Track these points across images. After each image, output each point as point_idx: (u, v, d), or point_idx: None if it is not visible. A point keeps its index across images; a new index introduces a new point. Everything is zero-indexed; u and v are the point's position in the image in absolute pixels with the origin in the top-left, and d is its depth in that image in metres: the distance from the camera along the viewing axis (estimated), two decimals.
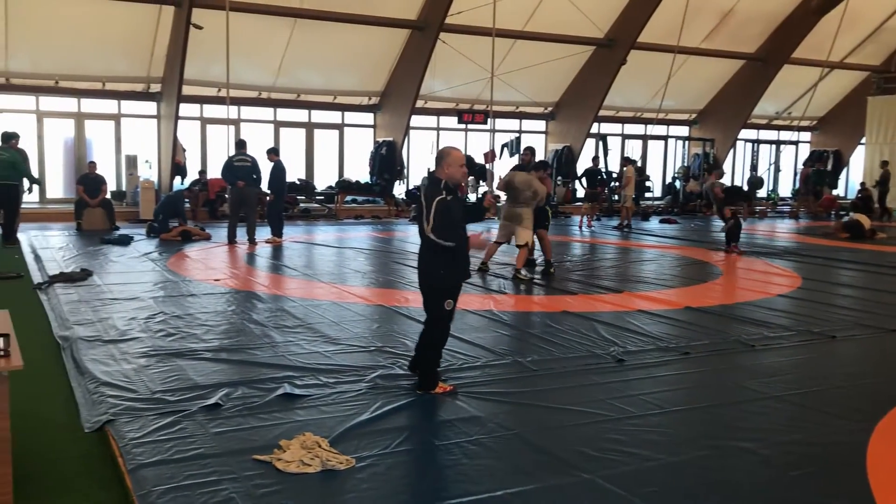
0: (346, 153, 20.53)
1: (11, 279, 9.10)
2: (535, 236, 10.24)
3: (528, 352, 6.24)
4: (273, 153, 13.50)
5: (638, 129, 24.05)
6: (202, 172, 17.85)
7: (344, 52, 18.28)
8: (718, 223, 15.42)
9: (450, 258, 5.07)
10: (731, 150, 24.63)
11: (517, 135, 21.79)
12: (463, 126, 20.77)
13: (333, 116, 20.31)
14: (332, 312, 7.59)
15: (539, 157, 13.38)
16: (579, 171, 20.74)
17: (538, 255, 10.80)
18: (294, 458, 3.90)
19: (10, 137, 12.10)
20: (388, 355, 6.00)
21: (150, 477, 3.70)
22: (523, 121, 22.54)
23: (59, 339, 6.35)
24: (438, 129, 21.32)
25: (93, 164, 15.04)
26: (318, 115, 20.10)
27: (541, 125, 22.81)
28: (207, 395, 4.91)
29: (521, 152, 11.47)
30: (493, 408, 4.88)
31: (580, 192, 20.83)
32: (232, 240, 12.81)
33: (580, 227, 17.45)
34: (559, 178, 21.27)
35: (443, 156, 5.15)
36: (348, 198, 19.68)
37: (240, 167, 12.72)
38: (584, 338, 6.72)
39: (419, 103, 19.19)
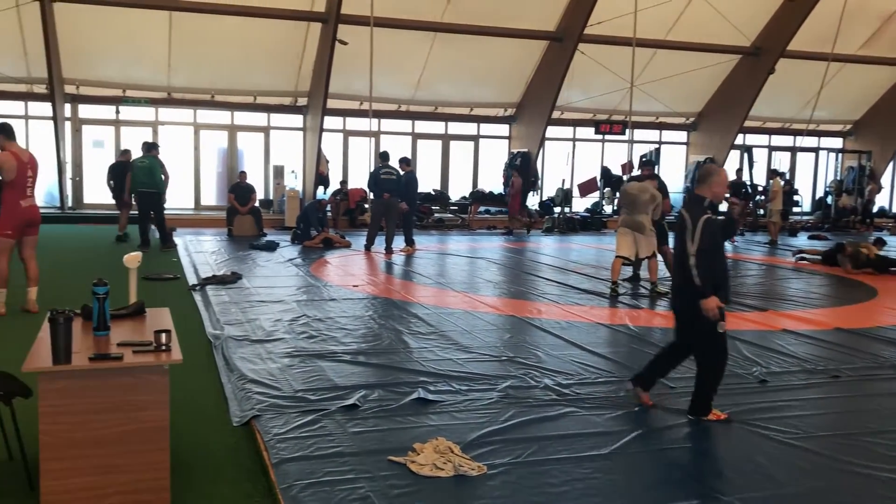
0: (481, 164, 20.73)
1: (169, 280, 9.73)
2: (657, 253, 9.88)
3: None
4: (405, 163, 13.84)
5: (786, 140, 22.94)
6: (343, 182, 18.50)
7: (481, 65, 18.51)
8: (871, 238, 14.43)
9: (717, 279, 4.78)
10: (892, 164, 23.07)
11: (656, 146, 21.31)
12: (600, 137, 20.52)
13: (469, 128, 20.57)
14: (465, 321, 7.67)
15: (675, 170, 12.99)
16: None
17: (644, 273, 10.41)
18: (427, 462, 3.98)
19: (152, 147, 12.89)
20: (519, 366, 6.01)
21: (292, 471, 3.88)
22: (663, 131, 22.01)
23: (211, 338, 6.74)
24: (574, 139, 21.16)
25: (243, 174, 15.91)
26: (455, 127, 20.42)
27: (682, 136, 22.20)
28: (346, 395, 5.09)
29: (641, 168, 11.26)
30: (625, 423, 4.79)
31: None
32: (369, 248, 13.21)
33: None
34: None
35: (710, 173, 4.91)
36: (481, 208, 19.85)
37: (385, 180, 13.08)
38: None
39: (555, 114, 19.14)
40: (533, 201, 20.19)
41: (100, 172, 15.46)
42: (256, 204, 15.71)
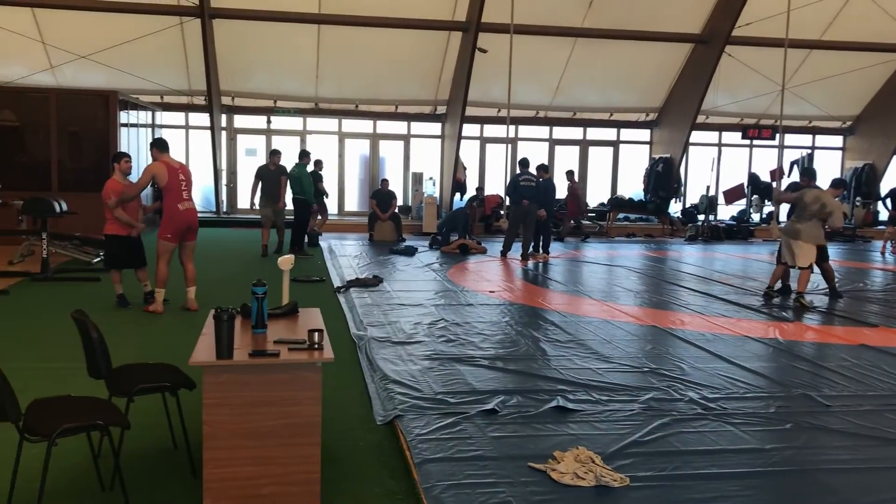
0: (621, 170, 20.36)
1: (315, 283, 10.13)
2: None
3: (819, 385, 5.75)
4: (543, 170, 13.78)
5: None
6: (479, 189, 18.65)
7: (622, 69, 18.21)
8: None
9: None
10: None
11: (808, 151, 20.21)
12: (747, 142, 19.68)
13: (609, 133, 20.25)
14: (603, 330, 7.56)
15: (829, 176, 12.26)
16: (883, 191, 18.70)
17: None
18: (568, 470, 3.95)
19: (302, 155, 13.34)
20: (662, 378, 5.85)
21: (434, 472, 3.95)
22: (816, 136, 20.85)
23: (355, 338, 6.98)
24: (720, 144, 20.40)
25: (385, 182, 16.34)
26: (594, 133, 20.15)
27: (837, 141, 20.96)
28: (485, 400, 5.13)
29: (801, 177, 10.76)
30: (776, 440, 4.57)
31: (883, 215, 18.78)
32: (505, 254, 13.25)
33: (882, 252, 15.74)
34: (858, 198, 19.37)
35: None
36: (620, 215, 19.48)
37: (525, 186, 13.09)
38: (886, 375, 6.07)
39: (700, 118, 18.52)
40: (675, 208, 19.63)
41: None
42: (396, 210, 16.09)
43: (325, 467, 3.67)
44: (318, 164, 14.78)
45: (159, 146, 8.02)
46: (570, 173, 17.77)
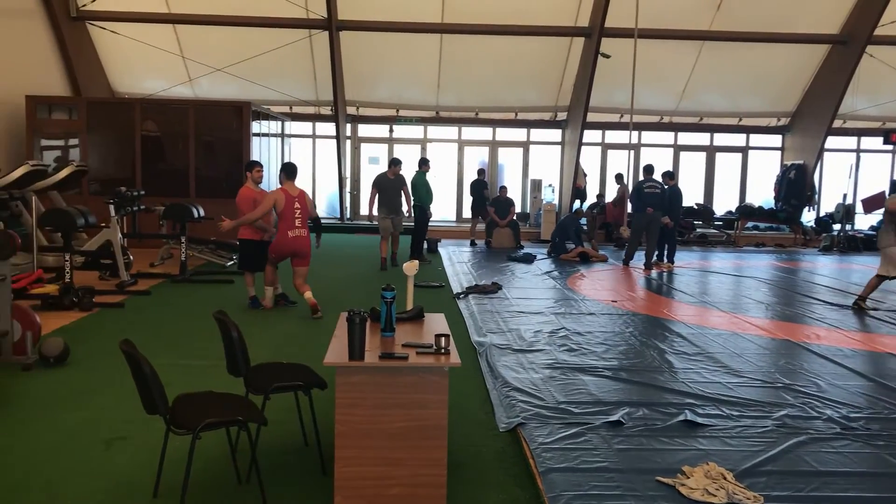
0: (749, 177, 19.58)
1: (435, 288, 10.26)
2: None
3: None
4: (668, 177, 13.42)
5: None
6: (600, 196, 18.39)
7: (752, 73, 17.54)
8: None
9: None
10: None
11: None
12: (890, 147, 18.52)
13: (737, 139, 19.52)
14: (732, 343, 7.28)
15: None
16: None
17: None
18: (699, 486, 3.83)
19: (423, 163, 13.33)
20: (797, 394, 5.58)
21: (559, 481, 3.91)
22: None
23: (475, 345, 7.01)
24: (858, 150, 19.30)
25: (504, 189, 16.35)
26: (721, 138, 19.47)
27: None
28: (609, 411, 5.04)
29: None
30: None
31: None
32: (628, 263, 12.98)
33: None
34: None
35: None
36: (749, 224, 18.72)
37: (649, 193, 12.81)
38: None
39: (836, 123, 17.58)
40: (809, 217, 18.70)
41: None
42: (514, 217, 16.07)
43: (449, 472, 3.70)
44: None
45: (287, 172, 8.40)
46: (619, 177, 17.34)
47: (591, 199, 18.29)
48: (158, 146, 15.14)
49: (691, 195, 16.92)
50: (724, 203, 19.41)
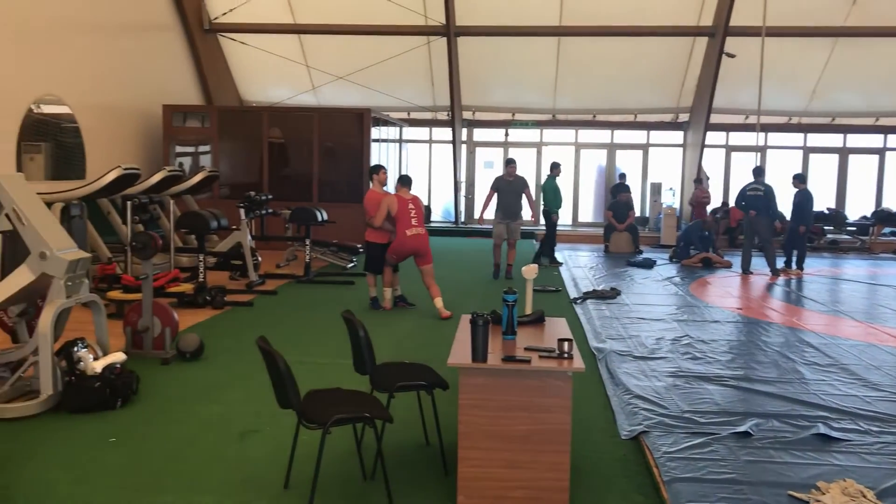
0: (887, 180, 18.46)
1: (552, 293, 10.19)
2: None
3: None
4: (799, 180, 12.82)
5: None
6: (725, 203, 17.78)
7: (891, 70, 16.53)
8: None
9: None
10: None
11: None
12: None
13: (873, 140, 18.45)
14: (869, 355, 6.89)
15: None
16: None
17: None
18: (836, 503, 3.65)
19: (555, 167, 13.22)
20: None
21: (684, 491, 3.81)
22: None
23: (594, 350, 6.92)
24: None
25: (623, 193, 16.06)
26: (855, 140, 18.46)
27: None
28: (736, 422, 4.87)
29: None
30: None
31: None
32: (746, 269, 12.43)
33: None
34: None
35: None
36: (886, 230, 17.65)
37: (752, 196, 12.33)
38: None
39: None
40: None
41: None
42: (633, 221, 15.77)
43: (571, 477, 3.67)
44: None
45: (402, 182, 8.81)
46: (697, 180, 16.57)
47: (716, 202, 17.72)
48: (283, 152, 15.74)
49: (822, 199, 16.11)
50: (858, 208, 18.37)
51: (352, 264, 11.94)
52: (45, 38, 11.62)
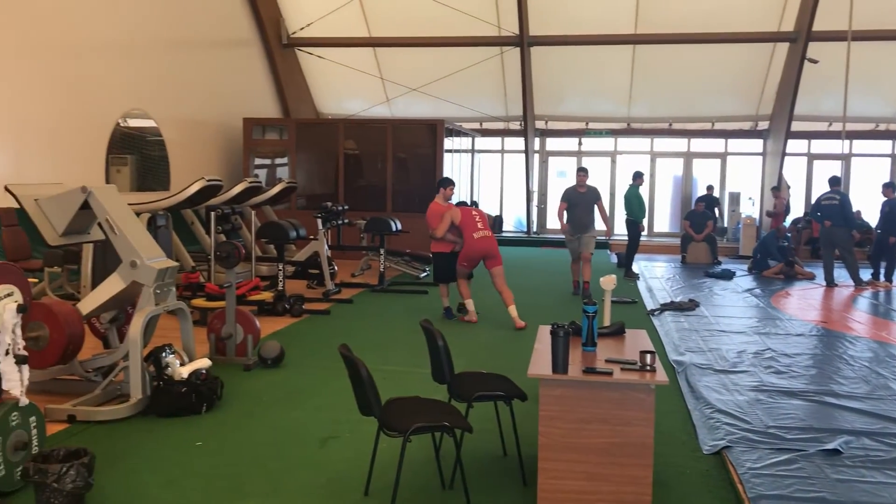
0: None
1: (628, 304, 10.05)
2: None
3: None
4: (889, 188, 12.34)
5: None
6: (807, 213, 17.24)
7: None
8: None
9: None
10: None
11: None
12: None
13: None
14: None
15: None
16: None
17: None
18: None
19: (637, 176, 13.00)
20: None
21: None
22: None
23: (673, 363, 6.79)
24: None
25: (700, 203, 15.75)
26: None
27: None
28: (824, 439, 4.71)
29: None
30: None
31: None
32: (831, 282, 11.97)
33: None
34: None
35: None
36: None
37: (826, 206, 11.91)
38: None
39: None
40: None
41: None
42: (712, 231, 15.42)
43: (653, 491, 3.61)
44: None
45: (459, 205, 8.96)
46: (775, 189, 15.95)
47: (796, 212, 17.20)
48: (358, 163, 15.99)
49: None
50: None
51: (424, 273, 12.02)
52: (133, 55, 12.12)
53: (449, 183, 9.08)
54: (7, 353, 3.72)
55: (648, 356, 3.65)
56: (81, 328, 5.03)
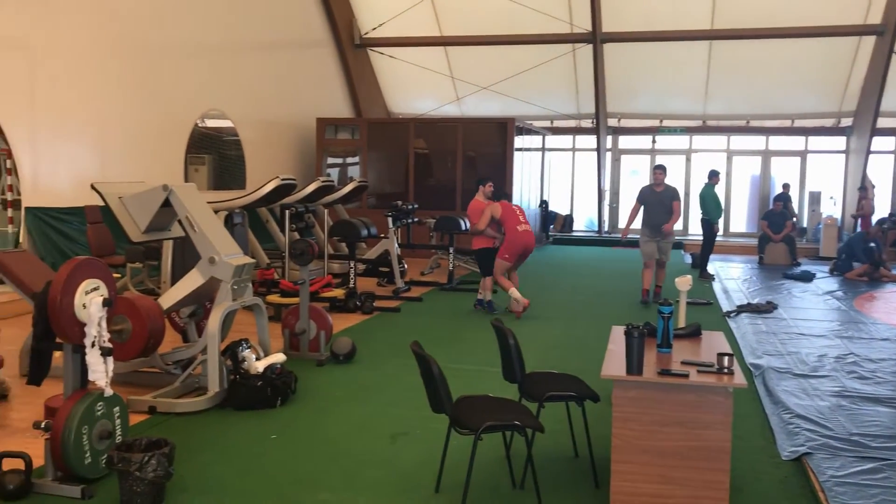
0: None
1: (703, 305, 9.82)
2: None
3: None
4: None
5: None
6: (893, 213, 16.55)
7: None
8: None
9: None
10: None
11: None
12: None
13: None
14: None
15: None
16: None
17: None
18: None
19: (713, 175, 12.68)
20: None
21: None
22: None
23: (751, 367, 6.60)
24: None
25: (778, 202, 15.29)
26: None
27: None
28: None
29: None
30: None
31: None
32: None
33: None
34: None
35: None
36: None
37: None
38: None
39: None
40: None
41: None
42: (791, 231, 14.95)
43: (732, 495, 3.52)
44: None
45: (500, 198, 9.24)
46: (861, 188, 15.16)
47: (882, 212, 16.53)
48: (428, 162, 16.06)
49: None
50: None
51: None
52: (211, 56, 12.45)
53: (488, 181, 9.51)
54: (93, 346, 3.85)
55: (726, 358, 3.57)
56: (162, 322, 5.19)
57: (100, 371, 3.89)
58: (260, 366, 5.35)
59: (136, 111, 10.84)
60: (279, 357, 5.56)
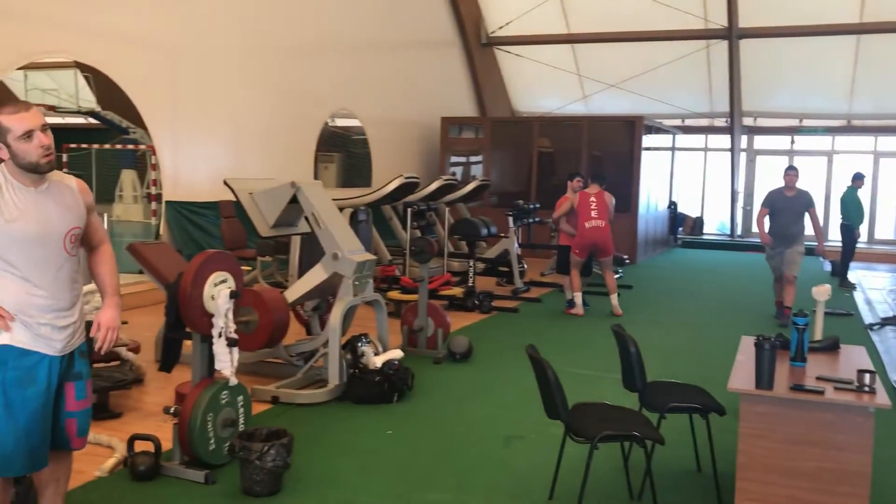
0: None
1: (842, 316, 9.22)
2: None
3: None
4: None
5: None
6: None
7: None
8: None
9: None
10: None
11: None
12: None
13: None
14: None
15: None
16: None
17: None
18: None
19: (856, 178, 11.93)
20: None
21: None
22: None
23: (894, 383, 6.14)
24: None
25: None
26: None
27: None
28: None
29: None
30: None
31: None
32: None
33: None
34: None
35: None
36: None
37: None
38: None
39: None
40: None
41: None
42: None
43: None
44: None
45: (594, 178, 9.32)
46: None
47: None
48: (551, 161, 15.87)
49: None
50: None
51: (619, 275, 11.70)
52: (340, 56, 12.77)
53: (576, 176, 9.46)
54: (220, 336, 4.00)
55: (867, 376, 3.31)
56: (287, 315, 5.34)
57: (225, 361, 4.03)
58: (378, 361, 5.42)
59: (269, 110, 11.26)
60: (397, 353, 5.62)
